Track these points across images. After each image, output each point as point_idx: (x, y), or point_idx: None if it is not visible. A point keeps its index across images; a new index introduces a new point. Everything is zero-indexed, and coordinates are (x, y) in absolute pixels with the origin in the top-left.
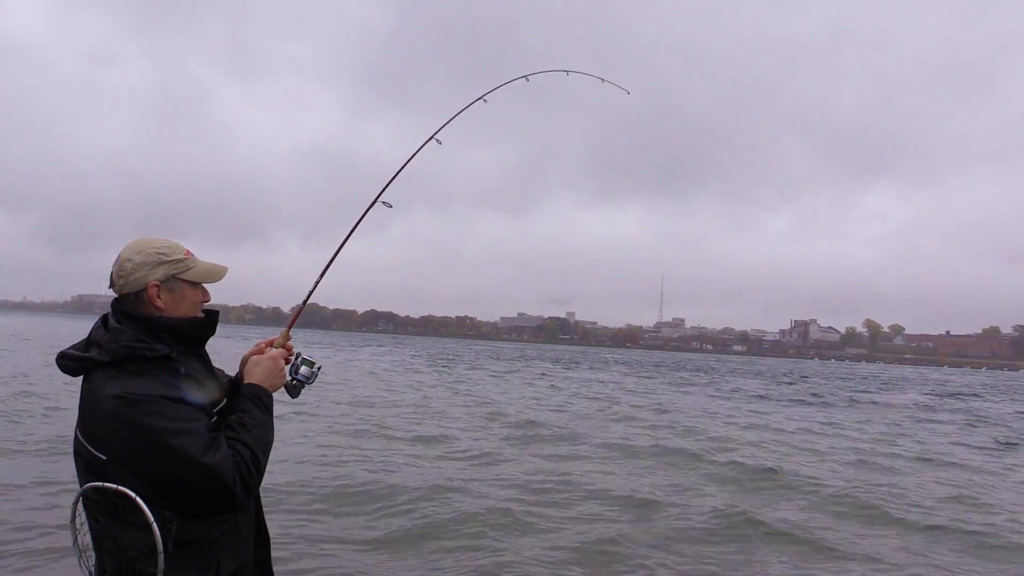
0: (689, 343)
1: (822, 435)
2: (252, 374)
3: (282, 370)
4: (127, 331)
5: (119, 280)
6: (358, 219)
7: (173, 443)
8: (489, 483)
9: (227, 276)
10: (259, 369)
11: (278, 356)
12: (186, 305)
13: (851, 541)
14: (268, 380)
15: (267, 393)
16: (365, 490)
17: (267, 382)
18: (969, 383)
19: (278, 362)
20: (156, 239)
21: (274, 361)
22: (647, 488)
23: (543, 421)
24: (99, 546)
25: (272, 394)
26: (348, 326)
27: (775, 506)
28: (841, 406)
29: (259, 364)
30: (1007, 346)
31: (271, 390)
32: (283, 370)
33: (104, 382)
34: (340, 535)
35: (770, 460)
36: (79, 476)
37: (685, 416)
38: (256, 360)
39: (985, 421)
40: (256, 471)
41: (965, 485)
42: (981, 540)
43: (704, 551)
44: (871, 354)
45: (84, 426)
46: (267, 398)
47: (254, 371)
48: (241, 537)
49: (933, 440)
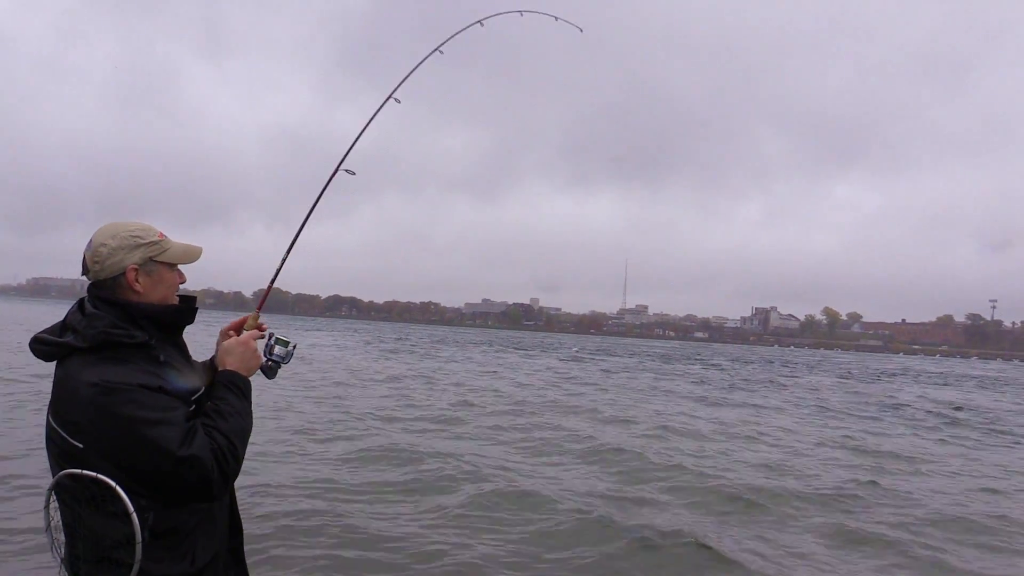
0: (652, 330)
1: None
2: (225, 361)
3: (256, 352)
4: (105, 316)
5: (94, 266)
6: (321, 189)
7: (151, 433)
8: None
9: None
10: (232, 355)
11: (249, 339)
12: (164, 288)
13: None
14: (243, 365)
15: (243, 379)
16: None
17: (242, 367)
18: (893, 367)
19: (250, 345)
20: (128, 222)
21: (245, 345)
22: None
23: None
24: (71, 534)
25: (249, 379)
26: (310, 311)
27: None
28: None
29: (231, 351)
30: (960, 334)
31: (247, 374)
32: (257, 352)
33: (80, 369)
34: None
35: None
36: (52, 463)
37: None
38: (227, 347)
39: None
40: (234, 460)
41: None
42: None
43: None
44: (829, 341)
45: (59, 413)
46: (243, 384)
47: (226, 358)
48: (216, 526)
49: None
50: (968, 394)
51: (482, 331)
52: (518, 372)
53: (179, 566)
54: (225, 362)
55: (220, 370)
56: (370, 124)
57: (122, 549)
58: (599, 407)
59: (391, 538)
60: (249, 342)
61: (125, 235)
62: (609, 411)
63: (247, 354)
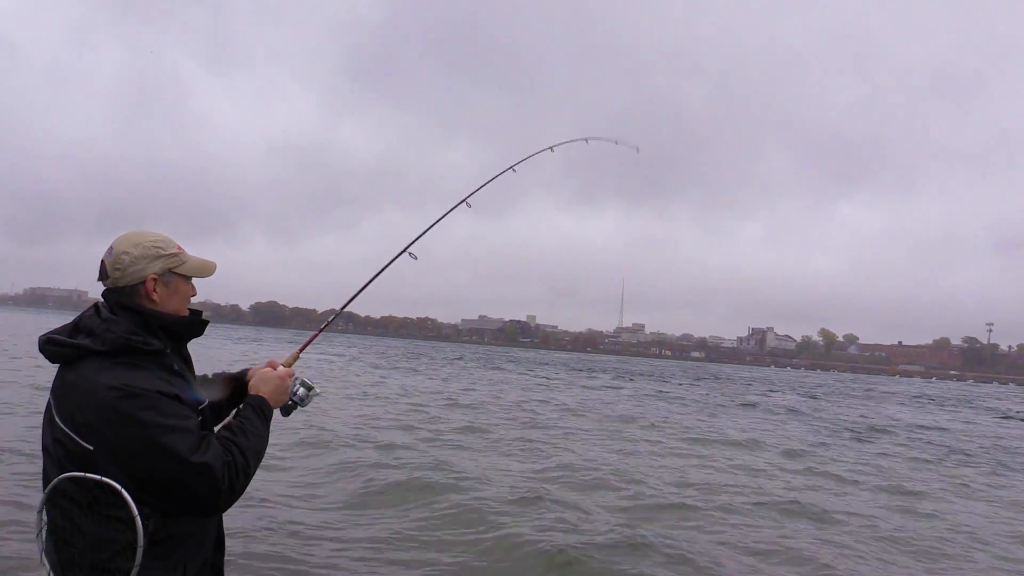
0: (648, 349)
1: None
2: (260, 388)
3: (287, 390)
4: (123, 322)
5: (115, 272)
6: (381, 268)
7: (167, 439)
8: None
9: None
10: (268, 385)
11: (286, 376)
12: (179, 299)
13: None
14: (273, 396)
15: (270, 408)
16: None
17: (272, 398)
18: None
19: (286, 382)
20: (148, 232)
21: (282, 380)
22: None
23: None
24: (66, 540)
25: (274, 409)
26: (306, 325)
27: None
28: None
29: (268, 380)
30: (956, 357)
31: (274, 405)
32: (287, 390)
33: (98, 372)
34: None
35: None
36: (51, 467)
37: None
38: (266, 377)
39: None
40: (244, 476)
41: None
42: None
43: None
44: (826, 363)
45: (68, 415)
46: (269, 411)
47: (262, 386)
48: (207, 538)
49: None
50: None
51: (474, 347)
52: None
53: (172, 575)
54: (260, 388)
55: (252, 394)
56: (439, 220)
57: (121, 555)
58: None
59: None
60: (286, 379)
61: (147, 245)
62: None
63: (281, 388)
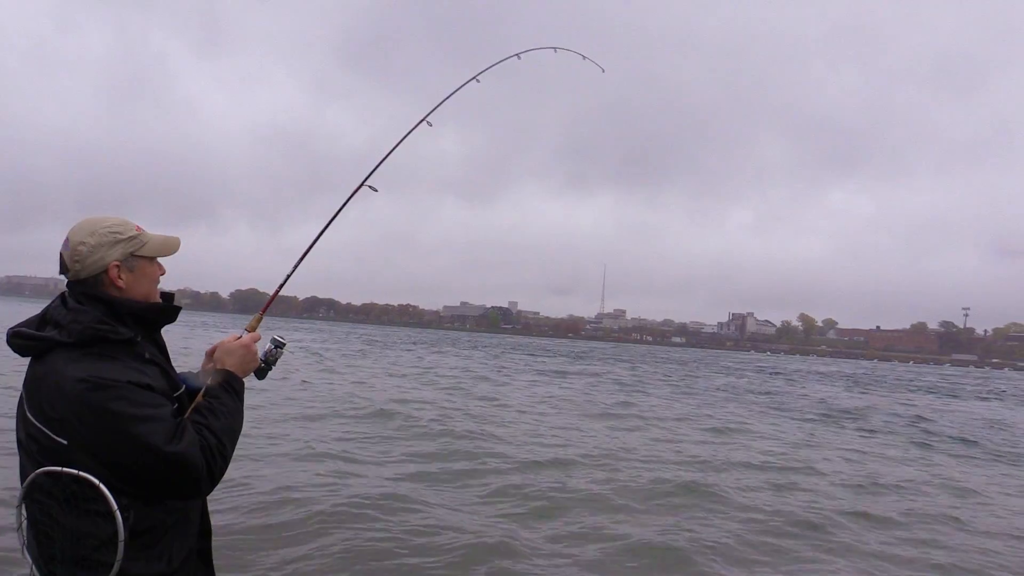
0: (629, 334)
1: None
2: (224, 360)
3: (255, 355)
4: (90, 311)
5: (75, 265)
6: (342, 204)
7: (140, 429)
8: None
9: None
10: (232, 356)
11: (250, 342)
12: (147, 282)
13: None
14: (241, 366)
15: (239, 380)
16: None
17: (239, 368)
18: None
19: (251, 348)
20: (104, 217)
21: (247, 347)
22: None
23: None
24: (46, 535)
25: (243, 380)
26: (288, 312)
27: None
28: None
29: (232, 351)
30: (933, 341)
31: (242, 375)
32: (256, 355)
33: (66, 364)
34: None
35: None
36: (27, 462)
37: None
38: (229, 347)
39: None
40: (222, 459)
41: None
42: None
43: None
44: (805, 347)
45: (39, 409)
46: (239, 385)
47: (226, 358)
48: (190, 526)
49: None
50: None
51: (455, 333)
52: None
53: (156, 566)
54: (224, 362)
55: (217, 368)
56: (399, 144)
57: (103, 549)
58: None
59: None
60: (251, 344)
61: (103, 231)
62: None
63: (247, 356)
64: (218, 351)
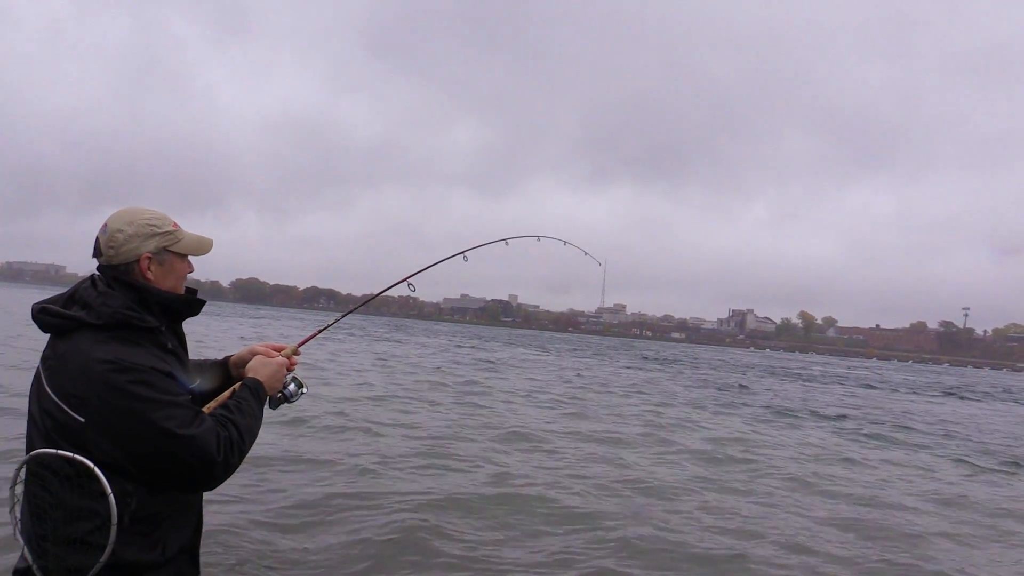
0: (629, 329)
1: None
2: (258, 371)
3: (282, 378)
4: (120, 296)
5: (109, 251)
6: (379, 292)
7: (160, 414)
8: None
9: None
10: (267, 369)
11: (283, 364)
12: (174, 278)
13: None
14: (268, 381)
15: (265, 390)
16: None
17: (267, 382)
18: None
19: (282, 371)
20: (144, 209)
21: (279, 368)
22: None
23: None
24: (40, 514)
25: (268, 393)
26: (288, 302)
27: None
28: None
29: (267, 365)
30: (932, 341)
31: (269, 391)
32: (282, 378)
33: (92, 345)
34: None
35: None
36: (37, 437)
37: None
38: (265, 361)
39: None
40: (239, 453)
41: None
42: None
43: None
44: (805, 345)
45: (59, 386)
46: (264, 394)
47: (261, 369)
48: (188, 520)
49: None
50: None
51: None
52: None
53: (151, 554)
54: (258, 371)
55: (250, 375)
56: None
57: (99, 531)
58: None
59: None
60: (282, 367)
61: (142, 223)
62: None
63: (277, 376)
64: (255, 360)
